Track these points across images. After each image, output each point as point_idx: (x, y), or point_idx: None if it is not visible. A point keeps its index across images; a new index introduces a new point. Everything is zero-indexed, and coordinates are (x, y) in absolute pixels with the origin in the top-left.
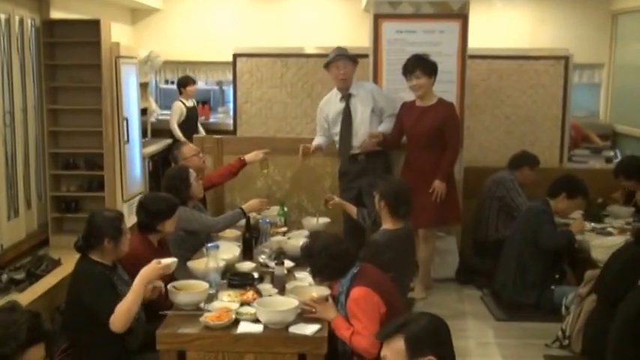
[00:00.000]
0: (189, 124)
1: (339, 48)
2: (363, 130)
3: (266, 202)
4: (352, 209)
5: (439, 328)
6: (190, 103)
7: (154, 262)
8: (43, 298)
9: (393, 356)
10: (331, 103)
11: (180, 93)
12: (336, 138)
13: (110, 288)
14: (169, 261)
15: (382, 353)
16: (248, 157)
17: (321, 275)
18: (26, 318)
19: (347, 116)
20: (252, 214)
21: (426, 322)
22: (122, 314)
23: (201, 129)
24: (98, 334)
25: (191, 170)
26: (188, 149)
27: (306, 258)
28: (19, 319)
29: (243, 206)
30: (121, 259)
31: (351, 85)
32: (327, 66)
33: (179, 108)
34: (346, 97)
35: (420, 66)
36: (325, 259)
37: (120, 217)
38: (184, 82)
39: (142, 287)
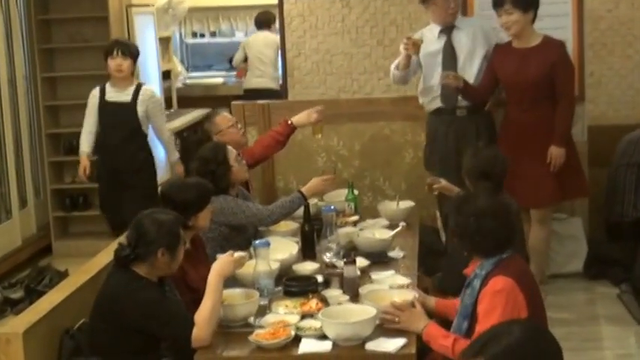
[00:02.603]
0: None
1: None
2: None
3: (333, 179)
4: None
5: (533, 345)
6: None
7: (228, 254)
8: (47, 320)
9: None
10: (428, 38)
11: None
12: (430, 87)
13: (170, 301)
14: (243, 254)
15: None
16: (296, 119)
17: (462, 243)
18: None
19: (449, 54)
20: (314, 200)
21: (514, 339)
22: (206, 322)
23: None
24: None
25: (230, 148)
26: (223, 119)
27: (452, 214)
28: None
29: (303, 188)
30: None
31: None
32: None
33: None
34: (447, 30)
35: None
36: (474, 225)
37: (177, 221)
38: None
39: (221, 284)
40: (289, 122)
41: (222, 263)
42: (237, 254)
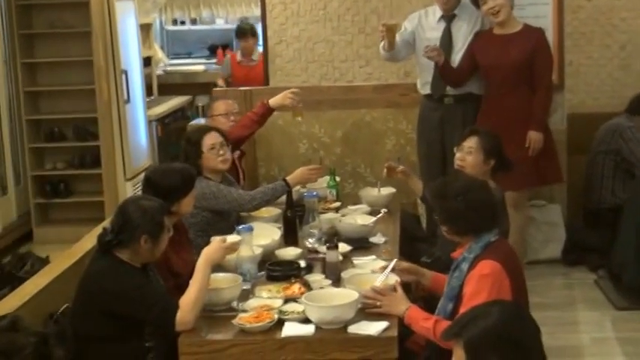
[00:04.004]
0: None
1: None
2: None
3: (319, 169)
4: (417, 185)
5: (510, 327)
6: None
7: (218, 239)
8: (31, 304)
9: None
10: (426, 22)
11: None
12: (424, 70)
13: (153, 285)
14: (235, 239)
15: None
16: (273, 100)
17: (451, 225)
18: (32, 343)
19: (447, 42)
20: (296, 187)
21: (492, 321)
22: (192, 306)
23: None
24: (118, 347)
25: (210, 135)
26: (219, 105)
27: (437, 200)
28: (25, 344)
29: (288, 177)
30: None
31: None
32: None
33: None
34: (448, 18)
35: None
36: (462, 204)
37: (161, 208)
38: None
39: (209, 270)
40: (265, 103)
41: (212, 249)
42: (230, 239)
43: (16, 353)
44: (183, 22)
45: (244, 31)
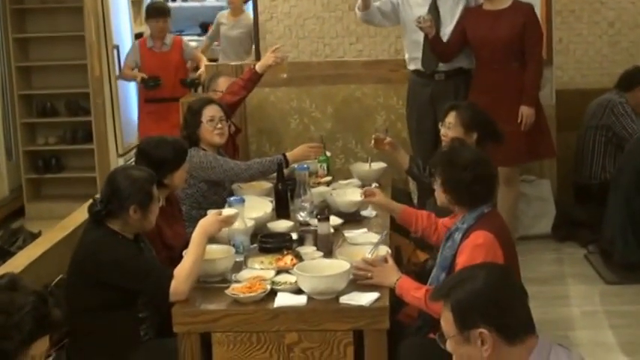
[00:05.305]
0: None
1: None
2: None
3: (319, 147)
4: (404, 158)
5: (496, 290)
6: None
7: (214, 212)
8: (24, 276)
9: (446, 326)
10: (411, 3)
11: None
12: (413, 46)
13: (146, 256)
14: (231, 212)
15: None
16: (259, 65)
17: (454, 194)
18: (32, 302)
19: (434, 16)
20: None
21: (479, 283)
22: (186, 276)
23: None
24: (112, 318)
25: (210, 108)
26: (223, 82)
27: (444, 168)
28: (23, 303)
29: (288, 153)
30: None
31: None
32: None
33: None
34: None
35: None
36: (469, 176)
37: (151, 178)
38: None
39: (204, 242)
40: (252, 68)
41: (208, 221)
42: (225, 212)
43: (15, 312)
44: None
45: (156, 11)
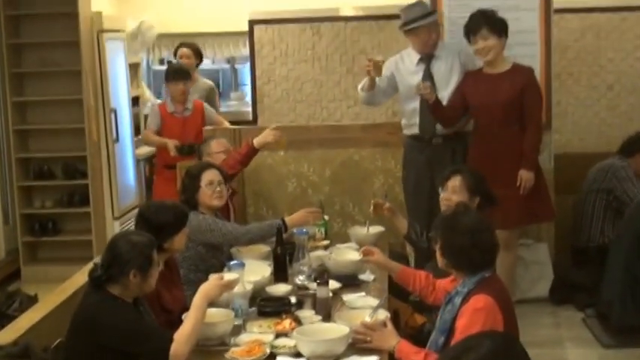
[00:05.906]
0: None
1: (420, 3)
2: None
3: (318, 212)
4: (402, 223)
5: (504, 356)
6: None
7: (216, 277)
8: (25, 339)
9: None
10: (403, 67)
11: None
12: (410, 113)
13: (146, 319)
14: (233, 276)
15: None
16: (257, 140)
17: (452, 259)
18: None
19: (429, 82)
20: None
21: (484, 352)
22: (186, 339)
23: None
24: None
25: (209, 172)
26: (217, 144)
27: (444, 232)
28: None
29: (287, 218)
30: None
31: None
32: (407, 29)
33: None
34: (426, 58)
35: (487, 24)
36: (469, 241)
37: (150, 243)
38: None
39: (205, 305)
40: (250, 143)
41: (210, 286)
42: (227, 277)
43: None
44: (170, 62)
45: (177, 73)
